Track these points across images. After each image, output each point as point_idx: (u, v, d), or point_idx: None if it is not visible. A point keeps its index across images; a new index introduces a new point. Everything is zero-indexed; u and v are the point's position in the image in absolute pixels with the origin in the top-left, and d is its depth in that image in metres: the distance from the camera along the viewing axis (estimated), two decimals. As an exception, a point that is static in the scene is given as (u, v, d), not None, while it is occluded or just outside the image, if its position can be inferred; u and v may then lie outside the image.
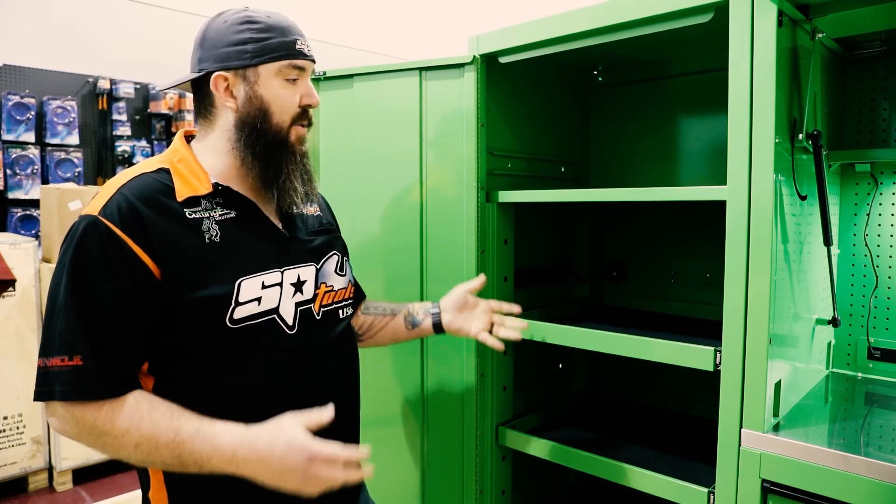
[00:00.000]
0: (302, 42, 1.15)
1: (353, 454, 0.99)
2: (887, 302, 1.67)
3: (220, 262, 1.05)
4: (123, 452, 0.97)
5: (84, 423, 0.96)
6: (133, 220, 1.00)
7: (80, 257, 0.98)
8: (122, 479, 3.33)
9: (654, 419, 1.94)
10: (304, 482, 0.97)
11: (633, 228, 2.12)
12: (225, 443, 0.96)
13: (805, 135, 1.34)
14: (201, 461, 0.96)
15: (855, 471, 1.12)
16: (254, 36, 1.11)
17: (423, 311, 1.46)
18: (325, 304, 1.20)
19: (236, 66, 1.11)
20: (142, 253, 0.99)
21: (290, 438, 0.96)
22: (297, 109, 1.15)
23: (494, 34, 1.64)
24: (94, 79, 4.04)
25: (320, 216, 1.30)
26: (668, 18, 1.36)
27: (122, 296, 0.98)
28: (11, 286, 3.02)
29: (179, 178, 1.09)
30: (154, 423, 0.96)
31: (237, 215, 1.10)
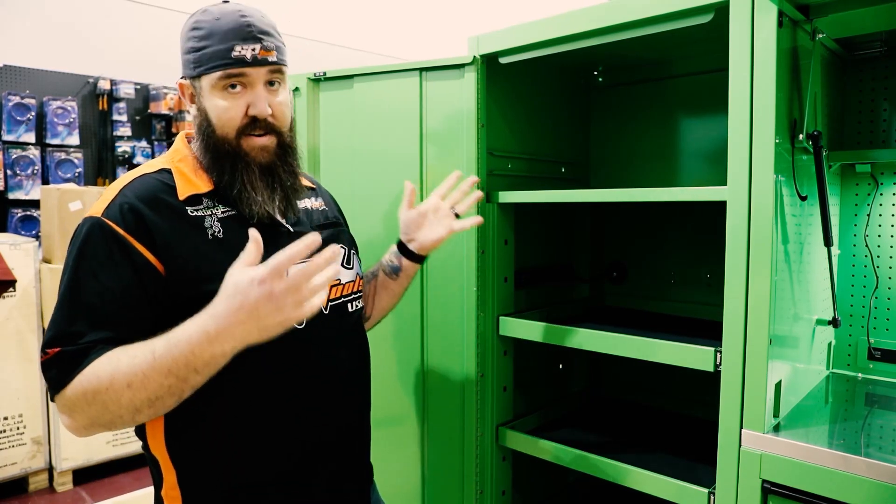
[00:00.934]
0: (243, 47, 1.06)
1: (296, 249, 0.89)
2: (888, 302, 1.67)
3: (224, 258, 1.02)
4: (125, 399, 0.92)
5: (76, 399, 0.94)
6: (135, 220, 1.00)
7: (81, 257, 0.99)
8: (122, 480, 3.33)
9: (655, 420, 1.94)
10: (281, 307, 0.89)
11: (633, 229, 2.12)
12: (194, 331, 0.90)
13: (805, 135, 1.34)
14: (190, 361, 0.91)
15: (855, 471, 1.12)
16: (195, 45, 1.08)
17: (394, 256, 1.41)
18: (332, 297, 1.18)
19: (188, 75, 1.11)
20: (146, 251, 1.00)
21: (236, 281, 0.89)
22: (243, 121, 1.09)
23: (495, 35, 1.64)
24: (94, 79, 4.05)
25: (326, 210, 1.30)
26: (669, 19, 1.36)
27: (124, 289, 0.98)
28: (12, 287, 3.02)
29: (181, 177, 1.09)
30: (130, 355, 0.93)
31: (239, 212, 1.10)
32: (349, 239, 1.32)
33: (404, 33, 5.63)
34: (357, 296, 1.27)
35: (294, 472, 1.11)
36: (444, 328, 1.76)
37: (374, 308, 1.44)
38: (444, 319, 1.76)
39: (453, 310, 1.73)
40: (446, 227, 1.39)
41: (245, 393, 1.05)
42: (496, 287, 1.72)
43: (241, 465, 1.07)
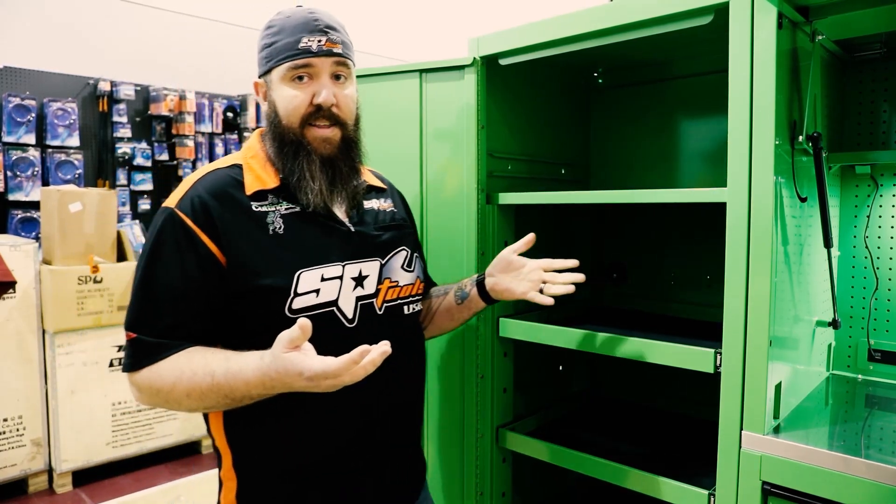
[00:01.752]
0: (310, 39, 1.13)
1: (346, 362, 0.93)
2: (887, 304, 1.67)
3: (282, 254, 1.10)
4: (185, 403, 1.04)
5: (143, 385, 1.05)
6: (203, 212, 1.08)
7: (156, 244, 1.08)
8: (122, 482, 3.33)
9: (655, 421, 1.94)
10: (327, 389, 0.96)
11: (633, 230, 2.12)
12: (251, 376, 0.98)
13: (805, 137, 1.34)
14: (246, 395, 1.01)
15: (855, 473, 1.12)
16: (268, 41, 1.16)
17: (469, 282, 1.40)
18: (388, 299, 1.21)
19: (261, 73, 1.19)
20: (210, 243, 1.07)
21: (285, 368, 0.94)
22: (307, 109, 1.14)
23: (494, 36, 1.64)
24: (94, 81, 4.05)
25: (393, 211, 1.32)
26: (669, 20, 1.36)
27: (188, 278, 1.06)
28: (12, 288, 3.02)
29: (250, 173, 1.15)
30: (192, 371, 1.02)
31: (302, 210, 1.14)
32: (413, 242, 1.34)
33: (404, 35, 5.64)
34: (415, 299, 1.28)
35: (344, 461, 1.15)
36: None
37: (432, 323, 1.44)
38: (444, 321, 1.75)
39: (453, 311, 1.73)
40: (527, 288, 1.31)
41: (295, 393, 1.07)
42: (496, 288, 1.72)
43: (293, 454, 1.12)
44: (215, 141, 4.56)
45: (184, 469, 3.53)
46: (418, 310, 1.30)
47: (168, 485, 3.32)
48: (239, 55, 4.67)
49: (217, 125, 4.55)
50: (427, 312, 1.43)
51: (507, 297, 1.35)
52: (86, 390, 3.27)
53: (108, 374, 3.36)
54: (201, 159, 4.46)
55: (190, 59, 4.50)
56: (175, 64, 4.41)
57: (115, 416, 3.38)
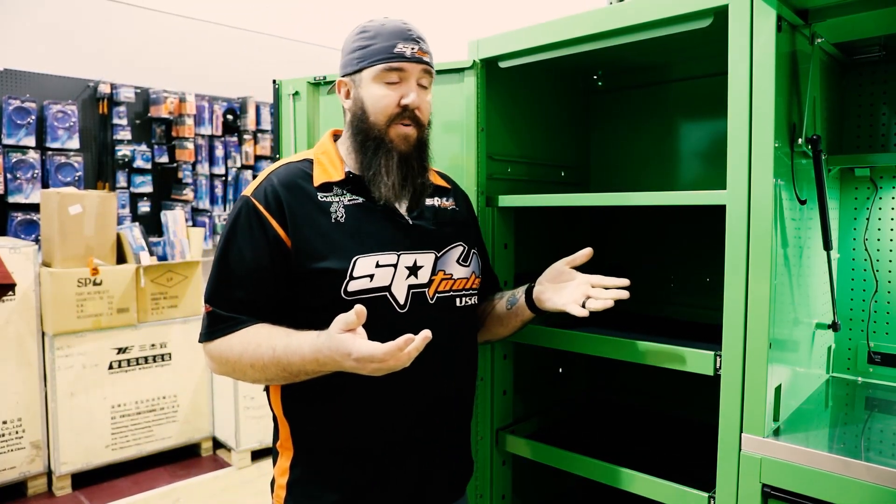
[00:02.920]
0: (404, 45, 1.23)
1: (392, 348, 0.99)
2: (887, 306, 1.67)
3: (341, 240, 1.20)
4: (249, 374, 1.15)
5: (216, 357, 1.18)
6: (274, 200, 1.20)
7: (233, 227, 1.21)
8: (121, 484, 3.33)
9: (655, 423, 1.94)
10: (373, 373, 1.03)
11: (632, 232, 2.12)
12: (307, 352, 1.08)
13: (804, 139, 1.35)
14: (303, 370, 1.10)
15: (856, 475, 1.12)
16: (361, 43, 1.25)
17: (521, 290, 1.42)
18: (440, 290, 1.28)
19: (349, 72, 1.27)
20: (278, 227, 1.18)
21: (337, 347, 1.03)
22: (394, 109, 1.24)
23: (494, 39, 1.65)
24: (94, 83, 4.05)
25: (455, 210, 1.40)
26: (668, 23, 1.36)
27: (259, 260, 1.18)
28: (11, 290, 3.01)
29: (319, 166, 1.27)
30: (257, 343, 1.13)
31: (364, 201, 1.25)
32: (474, 238, 1.41)
33: (404, 37, 5.64)
34: (469, 293, 1.35)
35: (394, 444, 1.23)
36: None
37: (484, 327, 1.47)
38: (443, 323, 1.75)
39: (453, 313, 1.73)
40: (568, 300, 1.30)
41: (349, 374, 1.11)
42: (496, 291, 1.72)
43: (347, 429, 1.20)
44: (215, 143, 4.56)
45: (183, 472, 3.52)
46: (472, 304, 1.36)
47: (167, 487, 3.32)
48: (239, 58, 4.68)
49: (217, 128, 4.55)
50: (481, 316, 1.47)
51: (550, 307, 1.33)
52: (85, 393, 3.27)
53: (108, 377, 3.36)
54: (201, 162, 4.46)
55: (190, 61, 4.50)
56: (175, 66, 4.42)
57: (114, 418, 3.38)
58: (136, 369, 3.46)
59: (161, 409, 3.56)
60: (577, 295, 1.30)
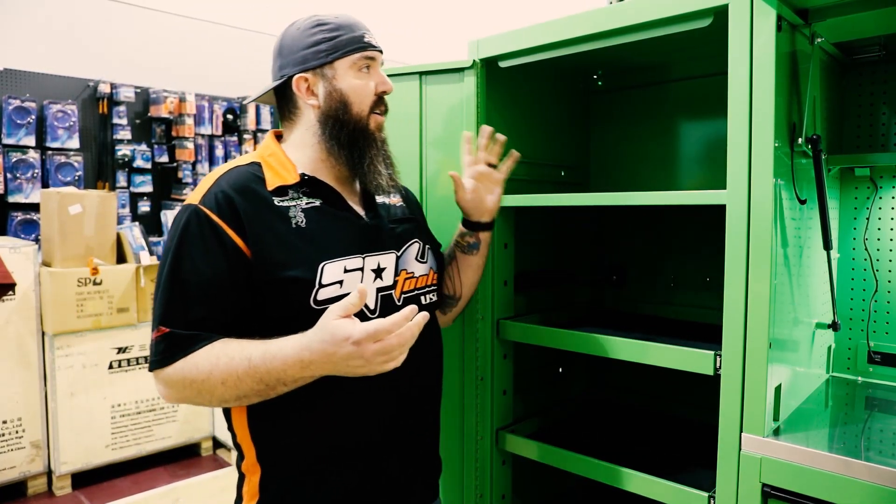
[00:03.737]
0: (369, 35, 1.25)
1: (398, 319, 0.98)
2: (887, 306, 1.67)
3: (305, 246, 1.14)
4: (218, 393, 1.04)
5: (175, 380, 1.06)
6: (228, 207, 1.10)
7: (182, 240, 1.09)
8: (121, 484, 3.33)
9: (655, 423, 1.94)
10: (369, 364, 0.99)
11: (633, 232, 2.12)
12: (290, 353, 1.01)
13: (804, 139, 1.35)
14: (281, 377, 1.02)
15: (856, 475, 1.12)
16: (326, 36, 1.21)
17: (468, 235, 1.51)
18: (406, 290, 1.27)
19: (314, 66, 1.21)
20: (236, 237, 1.10)
21: (333, 333, 0.98)
22: (373, 97, 1.24)
23: (494, 38, 1.65)
24: (94, 83, 4.05)
25: (404, 206, 1.39)
26: (668, 23, 1.36)
27: (216, 272, 1.08)
28: (11, 290, 3.02)
29: (270, 169, 1.19)
30: (229, 356, 1.04)
31: (322, 204, 1.20)
32: (426, 235, 1.40)
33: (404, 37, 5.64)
34: (431, 289, 1.35)
35: (366, 451, 1.19)
36: (443, 332, 1.75)
37: (463, 286, 1.53)
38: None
39: (453, 313, 1.73)
40: (496, 184, 1.50)
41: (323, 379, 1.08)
42: (496, 290, 1.72)
43: (320, 441, 1.16)
44: (215, 143, 4.56)
45: (183, 471, 3.53)
46: (435, 300, 1.36)
47: (167, 487, 3.32)
48: (239, 58, 4.68)
49: (217, 127, 4.55)
50: (451, 282, 1.51)
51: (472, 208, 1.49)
52: (85, 392, 3.27)
53: (108, 377, 3.36)
54: (201, 161, 4.46)
55: (190, 61, 4.50)
56: (175, 66, 4.42)
57: (114, 418, 3.38)
58: (136, 369, 3.46)
59: (161, 409, 3.56)
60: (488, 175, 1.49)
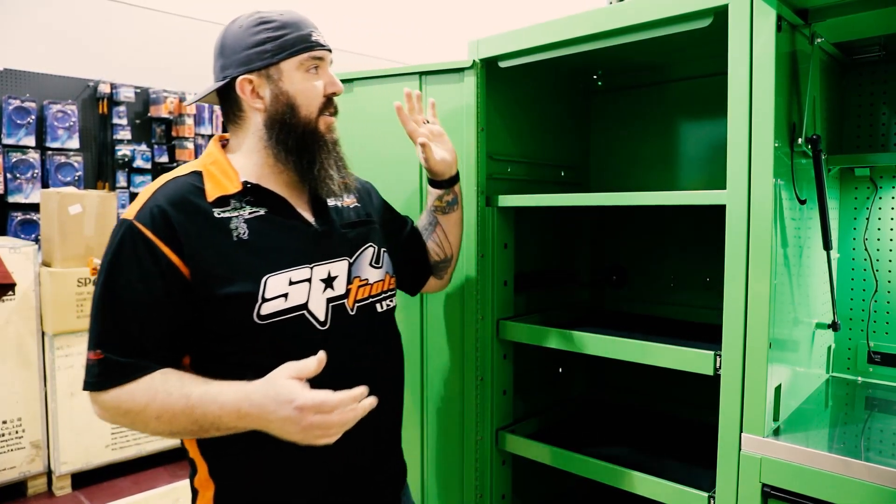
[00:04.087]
0: (317, 34, 1.18)
1: (346, 397, 0.96)
2: (887, 306, 1.67)
3: (247, 260, 1.08)
4: (151, 426, 1.02)
5: (110, 407, 1.03)
6: (164, 223, 1.05)
7: (116, 259, 1.05)
8: (121, 484, 3.33)
9: (655, 423, 1.94)
10: (304, 433, 0.96)
11: (633, 232, 2.12)
12: (229, 400, 0.98)
13: (804, 139, 1.35)
14: (216, 422, 0.99)
15: (856, 475, 1.12)
16: (271, 35, 1.14)
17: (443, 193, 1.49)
18: (359, 298, 1.21)
19: (259, 67, 1.14)
20: (171, 254, 1.04)
21: (278, 391, 0.96)
22: (322, 99, 1.18)
23: (494, 39, 1.65)
24: (94, 83, 4.05)
25: (358, 207, 1.31)
26: (668, 23, 1.36)
27: (151, 293, 1.04)
28: (11, 290, 3.01)
29: (210, 179, 1.13)
30: (167, 392, 1.00)
31: (267, 212, 1.13)
32: (378, 237, 1.32)
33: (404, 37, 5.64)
34: (388, 294, 1.28)
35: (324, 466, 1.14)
36: (443, 332, 1.76)
37: (452, 245, 1.51)
38: (443, 323, 1.75)
39: (453, 314, 1.73)
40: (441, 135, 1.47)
41: None
42: (496, 291, 1.72)
43: (275, 457, 1.10)
44: (215, 143, 4.57)
45: (183, 472, 3.52)
46: (392, 306, 1.30)
47: (167, 487, 3.31)
48: (239, 57, 4.68)
49: (217, 127, 4.55)
50: (440, 246, 1.50)
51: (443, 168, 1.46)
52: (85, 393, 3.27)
53: (108, 377, 3.35)
54: (201, 161, 4.46)
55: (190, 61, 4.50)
56: (175, 66, 4.41)
57: (114, 418, 3.37)
58: (136, 369, 3.45)
59: (161, 409, 3.55)
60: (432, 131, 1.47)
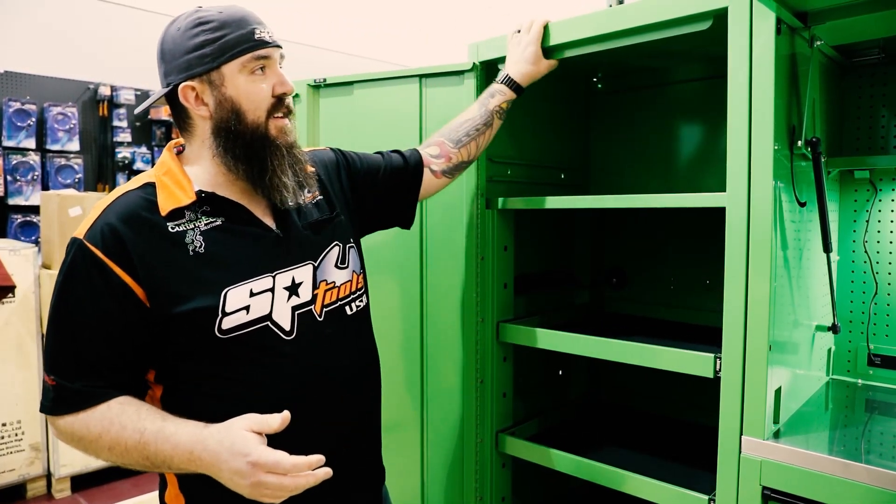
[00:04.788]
0: (261, 30, 1.09)
1: (301, 462, 0.94)
2: (887, 308, 1.67)
3: (205, 274, 1.04)
4: (104, 456, 1.00)
5: (65, 431, 1.01)
6: (115, 242, 1.01)
7: (67, 281, 1.01)
8: (120, 486, 3.32)
9: (655, 426, 1.94)
10: (253, 489, 0.93)
11: (632, 235, 2.12)
12: (182, 441, 0.96)
13: (804, 141, 1.35)
14: (167, 461, 0.97)
15: (856, 478, 1.12)
16: (209, 37, 1.06)
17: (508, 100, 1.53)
18: (327, 303, 1.16)
19: (200, 73, 1.07)
20: (124, 275, 1.00)
21: (234, 442, 0.93)
22: (270, 101, 1.10)
23: (494, 41, 1.65)
24: (94, 85, 4.05)
25: (320, 200, 1.24)
26: (668, 26, 1.36)
27: (103, 316, 1.00)
28: (11, 292, 3.01)
29: (164, 191, 1.07)
30: (122, 425, 0.98)
31: (224, 222, 1.08)
32: (344, 232, 1.24)
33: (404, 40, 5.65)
34: (356, 295, 1.23)
35: None
36: (443, 334, 1.76)
37: (480, 149, 1.54)
38: (443, 325, 1.75)
39: (453, 316, 1.73)
40: None
41: (238, 404, 1.03)
42: (496, 293, 1.72)
43: None
44: (215, 145, 4.57)
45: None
46: (363, 306, 1.25)
47: (167, 490, 3.30)
48: (239, 60, 4.68)
49: (217, 130, 4.56)
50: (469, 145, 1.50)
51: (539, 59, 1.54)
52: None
53: (108, 379, 3.35)
54: (201, 164, 4.47)
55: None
56: (175, 69, 4.42)
57: (114, 420, 3.37)
58: (136, 371, 3.45)
59: (161, 412, 3.55)
60: None
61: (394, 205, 1.45)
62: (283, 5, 4.82)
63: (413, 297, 1.78)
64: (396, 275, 1.81)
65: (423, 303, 1.78)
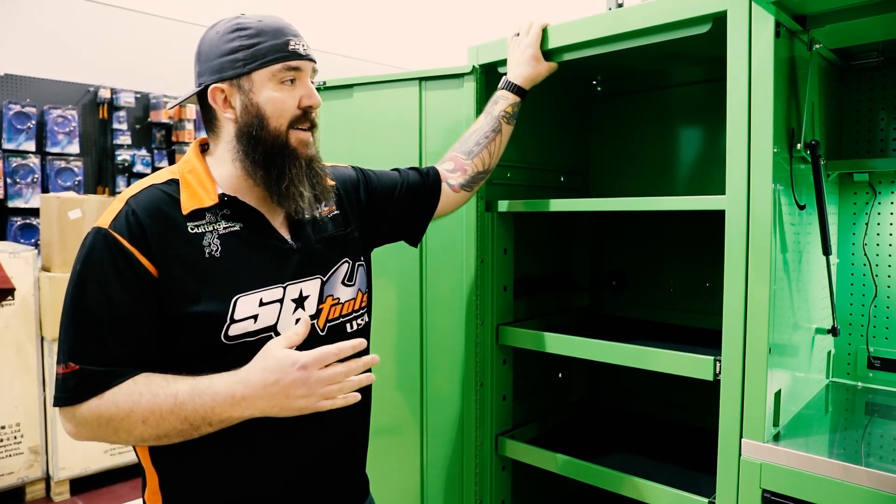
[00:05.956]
0: (296, 42, 1.11)
1: (345, 346, 0.98)
2: (887, 311, 1.67)
3: (218, 278, 1.04)
4: (136, 432, 0.97)
5: (89, 418, 0.97)
6: (139, 232, 1.01)
7: (88, 267, 1.00)
8: (119, 489, 3.32)
9: (655, 429, 1.94)
10: (311, 394, 0.96)
11: (632, 238, 2.12)
12: (221, 389, 0.96)
13: (803, 145, 1.35)
14: (208, 415, 0.96)
15: (856, 481, 1.11)
16: (244, 43, 1.09)
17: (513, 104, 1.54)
18: (330, 318, 1.16)
19: (230, 77, 1.09)
20: (147, 263, 1.01)
21: (277, 359, 0.96)
22: (295, 112, 1.12)
23: (494, 44, 1.65)
24: (94, 88, 4.06)
25: (336, 215, 1.25)
26: (668, 29, 1.37)
27: (131, 300, 1.00)
28: (10, 295, 3.01)
29: (187, 189, 1.08)
30: (153, 393, 0.96)
31: (242, 228, 1.09)
32: (356, 249, 1.26)
33: (404, 43, 5.66)
34: (359, 313, 1.23)
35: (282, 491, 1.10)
36: (443, 337, 1.76)
37: (496, 158, 1.55)
38: (443, 328, 1.75)
39: (452, 319, 1.73)
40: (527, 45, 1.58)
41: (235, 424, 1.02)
42: (495, 296, 1.72)
43: (224, 480, 1.07)
44: (215, 148, 4.57)
45: (182, 477, 3.51)
46: (363, 325, 1.25)
47: (166, 493, 3.30)
48: (239, 63, 4.68)
49: (217, 132, 4.56)
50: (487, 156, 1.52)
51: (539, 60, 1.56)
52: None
53: (107, 382, 3.35)
54: (201, 166, 4.47)
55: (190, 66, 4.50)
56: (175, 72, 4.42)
57: (113, 423, 3.37)
58: (136, 374, 3.45)
59: (160, 414, 3.55)
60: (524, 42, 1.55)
61: (408, 222, 1.46)
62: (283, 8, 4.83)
63: (413, 300, 1.78)
64: (396, 277, 1.81)
65: (422, 305, 1.78)
